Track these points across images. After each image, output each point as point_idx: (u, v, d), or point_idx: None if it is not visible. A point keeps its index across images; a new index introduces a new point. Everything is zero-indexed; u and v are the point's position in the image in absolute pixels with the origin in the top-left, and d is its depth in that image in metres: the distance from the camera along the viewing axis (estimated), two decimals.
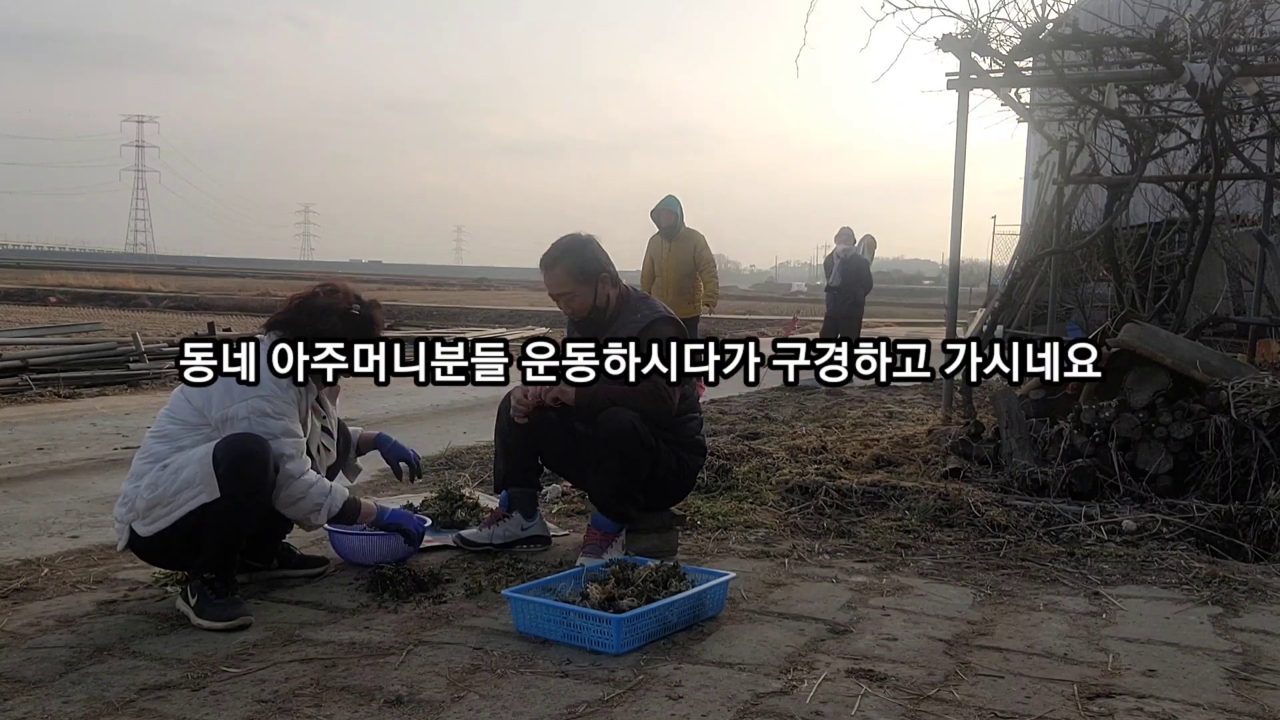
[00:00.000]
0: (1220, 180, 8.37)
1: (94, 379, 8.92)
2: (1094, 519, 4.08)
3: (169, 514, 2.84)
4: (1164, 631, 2.93)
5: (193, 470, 2.83)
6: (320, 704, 2.29)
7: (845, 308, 11.13)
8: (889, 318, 30.75)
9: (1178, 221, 12.13)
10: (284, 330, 3.08)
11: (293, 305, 3.16)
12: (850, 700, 2.35)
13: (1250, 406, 4.43)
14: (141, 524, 2.88)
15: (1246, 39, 6.97)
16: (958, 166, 6.77)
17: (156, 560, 3.06)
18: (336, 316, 3.11)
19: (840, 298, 11.16)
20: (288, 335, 3.05)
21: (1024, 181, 18.22)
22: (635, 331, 3.52)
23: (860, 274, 11.26)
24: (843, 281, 11.08)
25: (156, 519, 2.85)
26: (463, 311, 25.80)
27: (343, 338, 3.08)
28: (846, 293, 11.13)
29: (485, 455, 5.50)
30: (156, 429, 2.99)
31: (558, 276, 3.57)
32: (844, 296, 11.14)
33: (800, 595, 3.21)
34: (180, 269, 64.45)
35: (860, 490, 4.50)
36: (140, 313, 23.16)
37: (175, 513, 2.83)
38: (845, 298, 11.13)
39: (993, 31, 6.60)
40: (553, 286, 3.60)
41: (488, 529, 3.65)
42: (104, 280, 37.42)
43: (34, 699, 2.31)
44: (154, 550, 2.97)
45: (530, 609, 2.76)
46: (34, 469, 5.24)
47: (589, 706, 2.30)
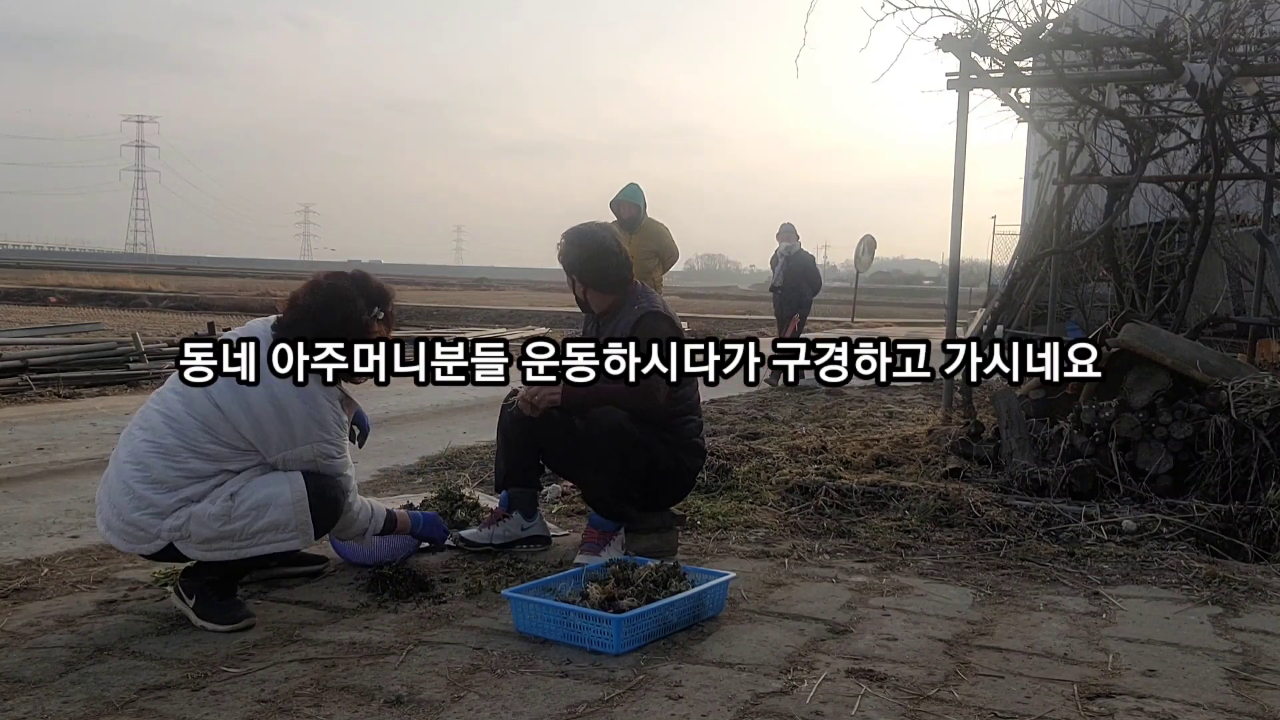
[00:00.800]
0: (1220, 180, 8.36)
1: (94, 379, 8.92)
2: (1094, 519, 4.08)
3: (243, 549, 2.80)
4: (1164, 631, 2.93)
5: (283, 514, 2.80)
6: (320, 704, 2.29)
7: (791, 308, 10.63)
8: (889, 318, 30.74)
9: (1178, 221, 12.12)
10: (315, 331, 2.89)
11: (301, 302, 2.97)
12: (850, 700, 2.35)
13: (1250, 406, 4.43)
14: (198, 549, 2.78)
15: (1246, 39, 6.96)
16: (958, 166, 6.77)
17: (161, 559, 2.94)
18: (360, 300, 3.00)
19: (785, 298, 10.67)
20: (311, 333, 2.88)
21: (1024, 181, 18.21)
22: (630, 324, 3.55)
23: (806, 272, 10.77)
24: (785, 281, 10.59)
25: (222, 550, 2.78)
26: (463, 311, 25.80)
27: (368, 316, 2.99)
28: (791, 293, 10.64)
29: (485, 455, 5.50)
30: (189, 440, 2.78)
31: (584, 284, 3.71)
32: (788, 297, 10.65)
33: (800, 595, 3.21)
34: (180, 269, 64.48)
35: (860, 490, 4.50)
36: (140, 313, 23.15)
37: (252, 550, 2.80)
38: (790, 298, 10.64)
39: (993, 31, 6.61)
40: (576, 289, 3.76)
41: (488, 529, 3.66)
42: (104, 280, 37.42)
43: (34, 699, 2.31)
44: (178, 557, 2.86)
45: (530, 609, 2.76)
46: (34, 469, 5.24)
47: (589, 706, 2.30)
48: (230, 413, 2.80)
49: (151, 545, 2.80)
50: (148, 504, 2.76)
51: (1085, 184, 11.04)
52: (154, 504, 2.76)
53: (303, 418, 2.84)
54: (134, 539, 2.81)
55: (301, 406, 2.84)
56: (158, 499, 2.76)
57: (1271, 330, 9.76)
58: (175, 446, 2.79)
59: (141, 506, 2.76)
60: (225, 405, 2.80)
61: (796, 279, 10.58)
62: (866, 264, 26.52)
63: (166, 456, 2.78)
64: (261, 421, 2.81)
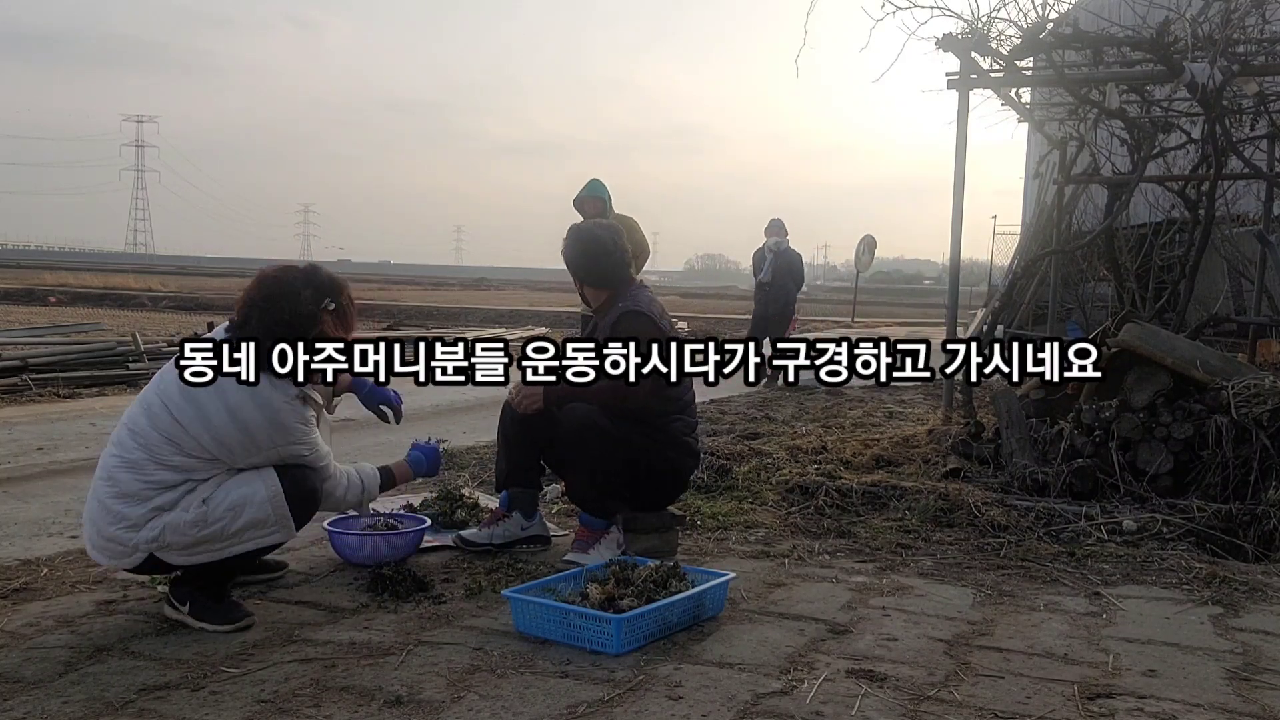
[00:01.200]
0: (1220, 180, 8.36)
1: (93, 379, 8.92)
2: (1094, 519, 4.08)
3: (225, 549, 2.79)
4: (1164, 631, 2.93)
5: (261, 512, 2.79)
6: (320, 704, 2.29)
7: (778, 306, 10.34)
8: (889, 318, 30.74)
9: (1178, 221, 12.12)
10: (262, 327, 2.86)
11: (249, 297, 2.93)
12: (850, 700, 2.35)
13: (1250, 406, 4.43)
14: (179, 555, 2.76)
15: (1247, 39, 6.96)
16: (958, 166, 6.77)
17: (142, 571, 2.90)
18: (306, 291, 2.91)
19: (771, 295, 10.33)
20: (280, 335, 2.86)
21: (1024, 181, 18.21)
22: (609, 325, 3.57)
23: (793, 268, 10.50)
24: (773, 278, 10.28)
25: (204, 553, 2.77)
26: (463, 311, 25.78)
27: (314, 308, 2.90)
28: (778, 290, 10.33)
29: (485, 455, 5.50)
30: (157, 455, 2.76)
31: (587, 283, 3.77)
32: (775, 294, 10.33)
33: (800, 595, 3.21)
34: (180, 269, 64.46)
35: (860, 490, 4.50)
36: (140, 313, 23.14)
37: (234, 549, 2.80)
38: (777, 295, 10.32)
39: (993, 31, 6.60)
40: (578, 287, 3.84)
41: (488, 529, 3.65)
42: (104, 280, 37.39)
43: (34, 699, 2.31)
44: (158, 568, 2.85)
45: (530, 609, 2.76)
46: (34, 469, 5.24)
47: (589, 706, 2.30)
48: (190, 427, 2.76)
49: (131, 559, 2.78)
50: (120, 518, 2.75)
51: (1085, 184, 11.03)
52: (126, 517, 2.74)
53: (262, 425, 2.81)
54: (114, 554, 2.80)
55: (258, 414, 2.80)
56: (129, 512, 2.74)
57: (1271, 330, 9.76)
58: (141, 460, 2.77)
59: (115, 521, 2.75)
60: (185, 420, 2.76)
61: (783, 275, 10.38)
62: (866, 264, 26.52)
63: (133, 469, 2.76)
64: (221, 435, 2.77)
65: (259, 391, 2.80)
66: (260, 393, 2.81)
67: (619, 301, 3.65)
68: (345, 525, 3.53)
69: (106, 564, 2.88)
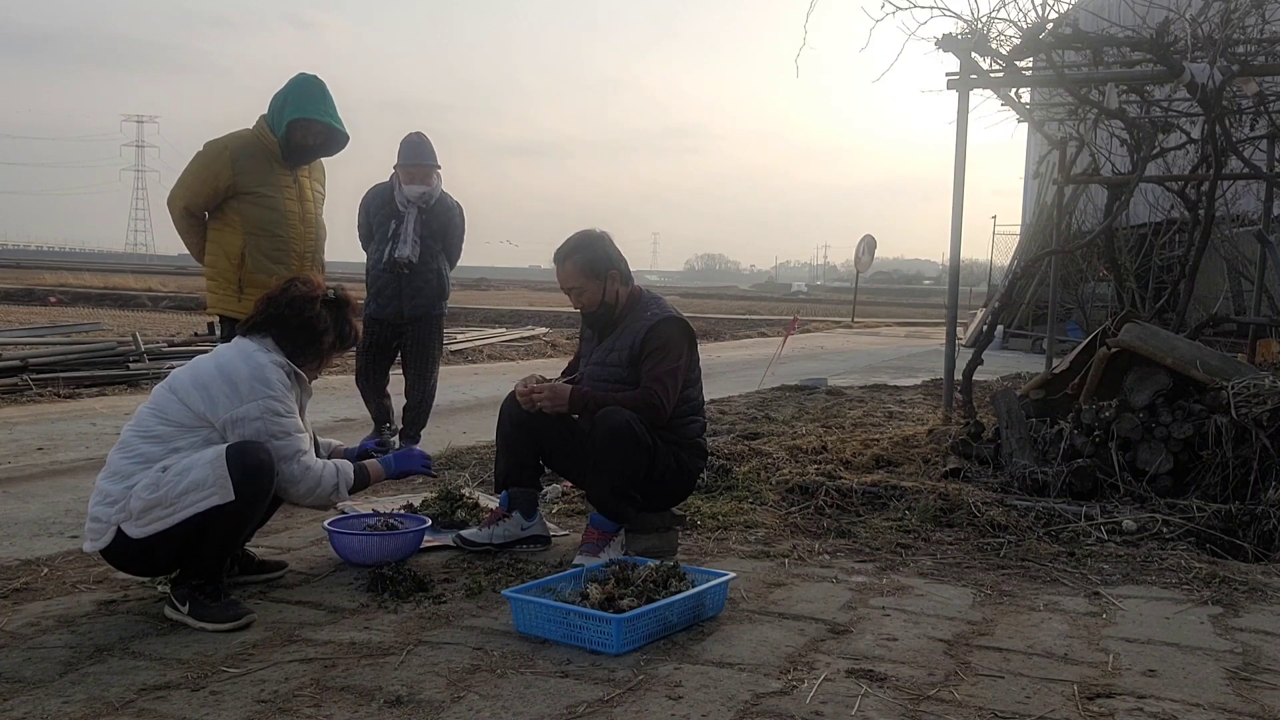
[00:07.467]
0: (1220, 180, 8.36)
1: (94, 379, 8.92)
2: (1094, 519, 4.08)
3: (170, 515, 2.79)
4: (1164, 631, 2.93)
5: (202, 473, 2.79)
6: (320, 704, 2.29)
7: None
8: (889, 318, 30.74)
9: (1178, 221, 12.13)
10: (271, 329, 3.09)
11: (270, 302, 3.14)
12: (850, 700, 2.35)
13: (1250, 406, 4.43)
14: (135, 525, 2.80)
15: (1246, 39, 6.97)
16: (958, 166, 6.77)
17: (129, 566, 2.95)
18: (318, 304, 3.15)
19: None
20: (275, 332, 3.08)
21: (1024, 181, 18.22)
22: (642, 330, 3.57)
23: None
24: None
25: (154, 520, 2.79)
26: (463, 311, 25.77)
27: (328, 322, 3.15)
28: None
29: (485, 455, 5.50)
30: (142, 428, 2.92)
31: (568, 271, 3.67)
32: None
33: (800, 595, 3.21)
34: (180, 269, 64.39)
35: (860, 490, 4.50)
36: (140, 313, 23.14)
37: (179, 514, 2.79)
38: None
39: (993, 31, 6.61)
40: (563, 280, 3.70)
41: (488, 529, 3.65)
42: (104, 280, 37.36)
43: (34, 699, 2.31)
44: (135, 555, 2.87)
45: (530, 609, 2.76)
46: (34, 469, 5.24)
47: (589, 706, 2.30)
48: (180, 389, 2.95)
49: (105, 538, 2.85)
50: (103, 495, 2.87)
51: (1085, 184, 11.03)
52: (108, 494, 2.86)
53: (246, 376, 2.95)
54: (94, 535, 2.88)
55: (245, 366, 2.96)
56: (112, 489, 2.86)
57: (1271, 330, 9.76)
58: (130, 438, 2.93)
59: (99, 500, 2.88)
60: (177, 385, 2.96)
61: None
62: (866, 264, 26.55)
63: (122, 449, 2.92)
64: (208, 386, 2.93)
65: (251, 354, 3.01)
66: (250, 353, 3.02)
67: (646, 309, 3.67)
68: (345, 525, 3.53)
69: (87, 549, 2.94)
